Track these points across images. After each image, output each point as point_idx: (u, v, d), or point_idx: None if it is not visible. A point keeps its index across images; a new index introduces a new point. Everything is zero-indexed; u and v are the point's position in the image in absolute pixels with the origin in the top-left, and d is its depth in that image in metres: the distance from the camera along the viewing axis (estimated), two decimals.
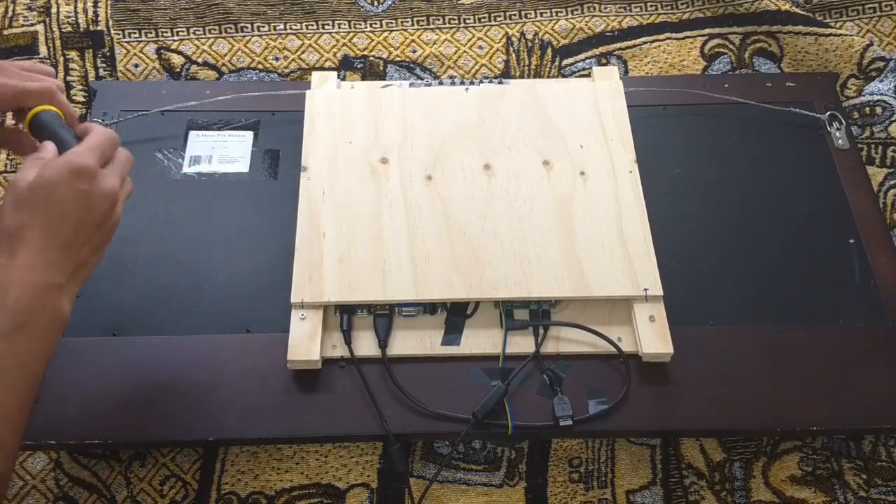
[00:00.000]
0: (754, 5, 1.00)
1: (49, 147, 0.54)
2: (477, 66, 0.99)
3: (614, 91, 0.86)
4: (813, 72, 0.96)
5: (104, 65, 0.96)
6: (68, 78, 0.95)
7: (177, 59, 0.97)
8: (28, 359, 0.47)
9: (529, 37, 1.00)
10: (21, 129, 0.59)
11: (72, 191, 0.50)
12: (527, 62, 0.99)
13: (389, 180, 0.79)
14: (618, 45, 1.00)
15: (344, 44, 1.00)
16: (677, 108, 0.89)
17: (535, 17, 1.02)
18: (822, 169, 0.85)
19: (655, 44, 1.00)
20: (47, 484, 0.70)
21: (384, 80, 0.96)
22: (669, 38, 1.00)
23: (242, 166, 0.84)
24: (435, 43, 1.00)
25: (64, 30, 0.99)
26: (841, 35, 0.96)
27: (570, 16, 1.02)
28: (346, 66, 0.98)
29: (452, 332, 0.73)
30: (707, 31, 1.00)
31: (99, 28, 0.99)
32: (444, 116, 0.84)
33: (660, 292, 0.72)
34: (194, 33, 0.99)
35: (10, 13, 1.00)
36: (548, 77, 0.98)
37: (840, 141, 0.87)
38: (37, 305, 0.47)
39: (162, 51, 0.98)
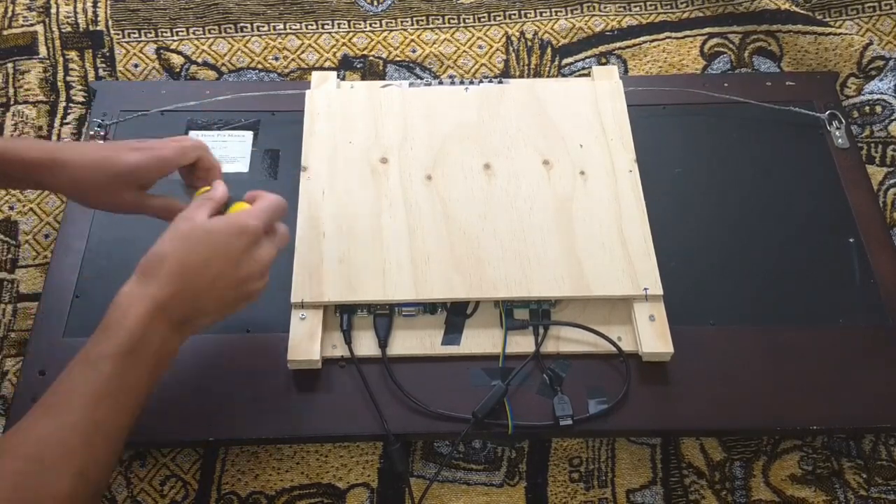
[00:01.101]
0: (754, 4, 1.00)
1: (219, 187, 0.57)
2: (476, 66, 0.99)
3: (614, 90, 0.86)
4: (813, 71, 0.96)
5: (104, 65, 0.96)
6: (68, 78, 0.95)
7: (176, 59, 0.97)
8: (134, 383, 0.49)
9: (529, 36, 1.00)
10: (169, 200, 0.64)
11: (228, 245, 0.53)
12: (526, 62, 0.99)
13: (389, 180, 0.79)
14: (617, 44, 1.00)
15: (344, 43, 1.00)
16: (677, 108, 0.89)
17: (535, 16, 1.02)
18: (821, 168, 0.85)
19: (655, 43, 1.00)
20: None
21: (384, 79, 0.96)
22: (669, 38, 1.00)
23: (242, 166, 0.84)
24: (434, 42, 1.00)
25: (63, 30, 0.99)
26: (841, 34, 0.96)
27: (569, 15, 1.02)
28: (346, 66, 0.98)
29: (452, 331, 0.73)
30: (707, 30, 1.00)
31: (98, 28, 0.99)
32: (444, 116, 0.84)
33: (660, 292, 0.72)
34: (194, 33, 0.99)
35: (9, 13, 1.00)
36: (547, 77, 0.98)
37: (840, 140, 0.87)
38: (149, 335, 0.49)
39: (161, 51, 0.98)
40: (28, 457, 0.44)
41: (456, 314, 0.74)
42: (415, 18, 1.02)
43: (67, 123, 0.91)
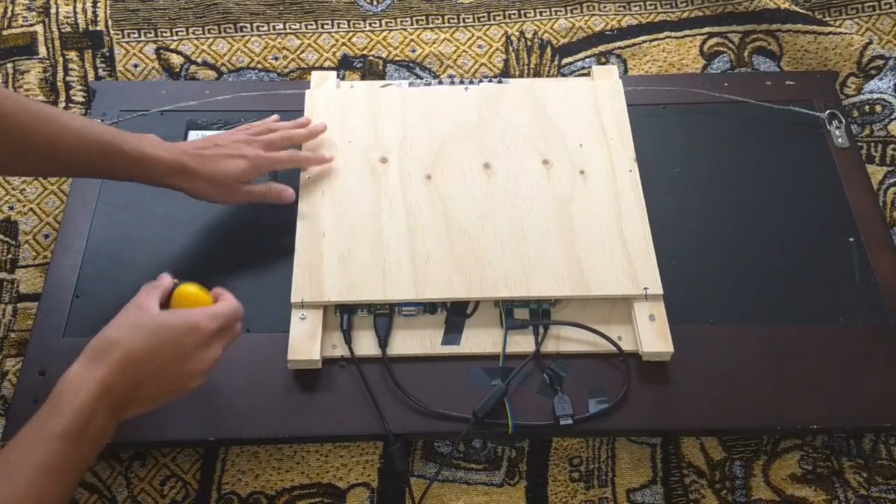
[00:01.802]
0: (753, 4, 1.00)
1: (165, 279, 0.62)
2: (476, 66, 0.99)
3: (614, 90, 0.86)
4: (812, 70, 0.96)
5: (103, 65, 0.96)
6: (67, 78, 0.95)
7: (176, 59, 0.97)
8: (77, 461, 0.52)
9: (529, 36, 1.00)
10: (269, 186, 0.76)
11: (178, 342, 0.56)
12: (526, 61, 0.99)
13: (389, 180, 0.79)
14: (617, 43, 1.00)
15: (343, 43, 1.00)
16: (677, 107, 0.89)
17: (535, 16, 1.02)
18: (821, 167, 0.85)
19: (655, 43, 1.00)
20: None
21: (383, 79, 0.96)
22: (669, 37, 1.00)
23: None
24: (434, 42, 1.00)
25: (63, 30, 0.99)
26: (840, 33, 0.96)
27: (569, 15, 1.02)
28: (346, 66, 0.98)
29: (452, 331, 0.73)
30: (706, 29, 1.00)
31: (98, 28, 0.99)
32: (444, 116, 0.84)
33: (660, 291, 0.72)
34: (193, 33, 0.99)
35: (9, 13, 1.00)
36: (547, 76, 0.98)
37: (840, 139, 0.87)
38: (94, 417, 0.52)
39: (161, 51, 0.98)
40: None
41: (456, 314, 0.74)
42: (414, 18, 1.02)
43: None
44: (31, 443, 0.51)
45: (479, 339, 0.72)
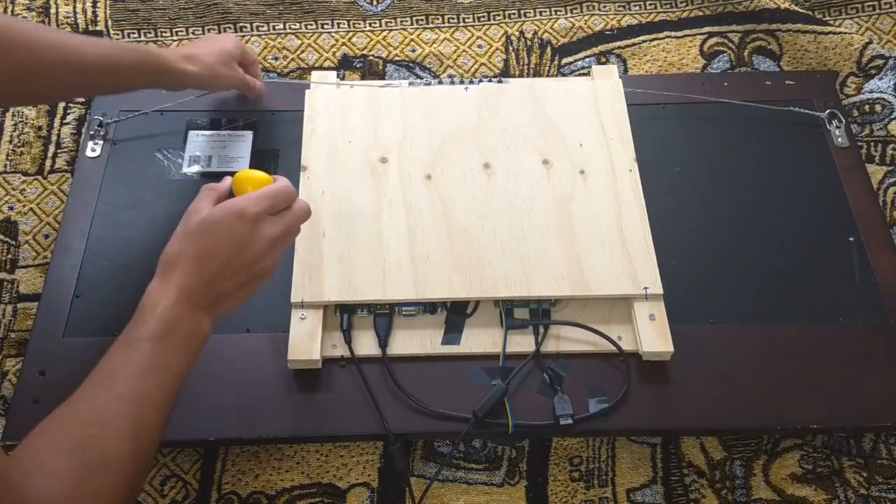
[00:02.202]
0: (753, 4, 1.00)
1: (226, 181, 0.64)
2: (476, 66, 0.99)
3: (614, 90, 0.86)
4: (812, 70, 0.96)
5: None
6: None
7: None
8: (172, 361, 0.54)
9: (529, 36, 1.00)
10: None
11: (229, 231, 0.57)
12: (526, 61, 0.99)
13: (389, 180, 0.79)
14: (617, 43, 1.00)
15: (343, 43, 1.00)
16: (677, 107, 0.89)
17: (535, 15, 1.02)
18: (821, 167, 0.85)
19: (655, 42, 1.00)
20: None
21: (383, 79, 0.96)
22: (669, 37, 1.00)
23: (242, 166, 0.84)
24: (434, 42, 1.00)
25: (63, 30, 0.99)
26: (840, 33, 0.96)
27: (569, 14, 1.02)
28: (346, 66, 0.98)
29: (452, 331, 0.73)
30: (706, 29, 1.00)
31: (98, 28, 0.99)
32: (444, 116, 0.84)
33: (660, 291, 0.72)
34: (193, 33, 0.99)
35: (8, 13, 1.00)
36: (547, 76, 0.98)
37: (839, 139, 0.87)
38: (179, 319, 0.55)
39: None
40: (90, 423, 0.49)
41: (456, 314, 0.74)
42: (414, 18, 1.02)
43: (67, 123, 0.91)
44: (122, 352, 0.53)
45: (479, 339, 0.72)
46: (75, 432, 0.49)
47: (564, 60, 0.99)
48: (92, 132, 0.86)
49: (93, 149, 0.84)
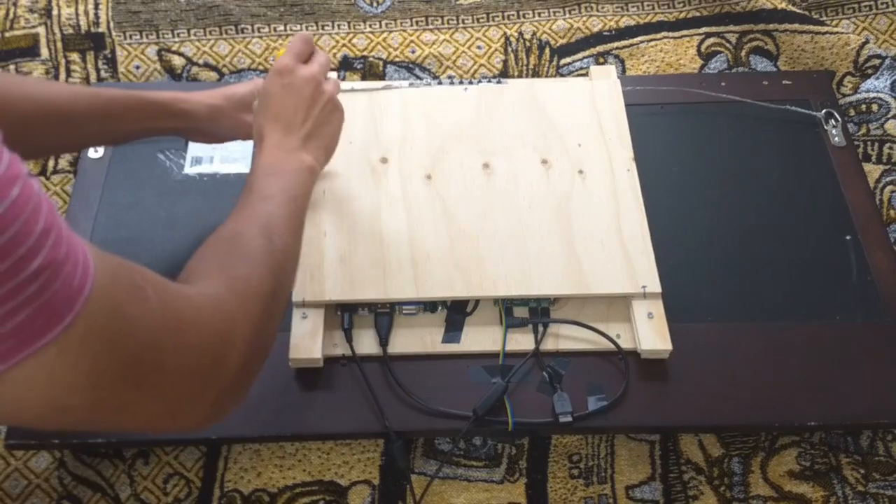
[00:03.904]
0: (750, 4, 1.00)
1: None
2: (475, 66, 0.99)
3: (612, 90, 0.87)
4: (809, 70, 0.97)
5: (105, 66, 0.97)
6: (70, 80, 0.96)
7: (178, 61, 0.98)
8: (283, 189, 0.60)
9: (527, 37, 1.01)
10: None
11: (278, 86, 0.65)
12: (525, 62, 0.99)
13: (389, 180, 0.79)
14: (615, 44, 1.00)
15: (343, 44, 1.00)
16: (674, 107, 0.90)
17: (533, 17, 1.03)
18: (818, 166, 0.86)
19: (652, 43, 1.00)
20: (51, 483, 0.71)
21: (383, 80, 0.97)
22: (666, 37, 1.01)
23: (244, 166, 0.85)
24: (434, 43, 1.00)
25: (65, 32, 0.99)
26: (837, 33, 0.97)
27: (567, 15, 1.03)
28: (346, 67, 0.98)
29: (453, 329, 0.73)
30: (704, 29, 1.01)
31: (100, 30, 1.00)
32: (444, 116, 0.84)
33: (658, 289, 0.73)
34: (195, 35, 1.00)
35: (11, 15, 1.00)
36: (546, 76, 0.98)
37: (836, 138, 0.87)
38: (279, 161, 0.62)
39: (163, 52, 0.98)
40: (228, 237, 0.54)
41: (456, 312, 0.74)
42: (414, 19, 1.02)
43: None
44: (239, 201, 0.58)
45: (479, 338, 0.73)
46: (218, 246, 0.54)
47: (563, 61, 0.99)
48: None
49: (95, 149, 0.85)
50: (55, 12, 1.01)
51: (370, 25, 1.02)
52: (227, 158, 0.85)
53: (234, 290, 0.49)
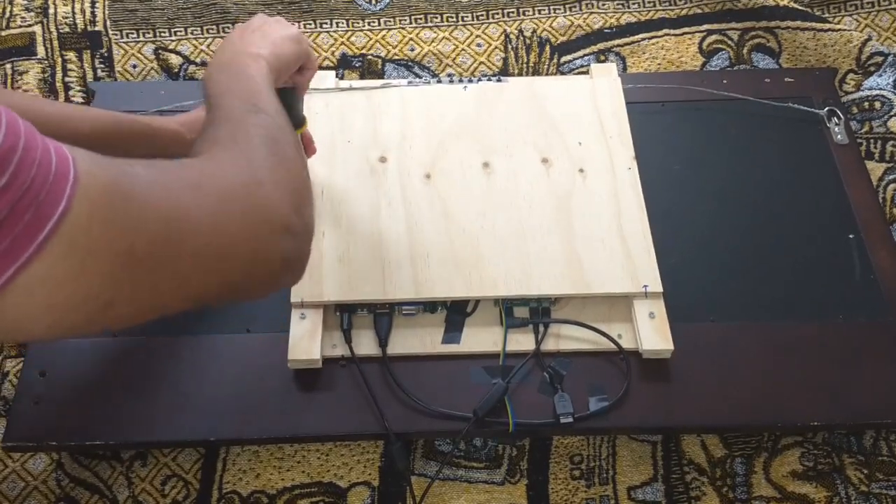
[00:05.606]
0: (752, 1, 1.00)
1: None
2: (475, 64, 0.98)
3: (613, 88, 0.86)
4: (811, 67, 0.96)
5: (102, 65, 0.96)
6: (66, 79, 0.95)
7: (175, 60, 0.97)
8: (235, 74, 0.58)
9: (528, 34, 1.00)
10: None
11: (227, 38, 0.64)
12: (525, 59, 0.99)
13: (388, 179, 0.79)
14: (616, 41, 1.00)
15: (342, 42, 1.00)
16: (676, 105, 0.89)
17: (533, 14, 1.02)
18: (821, 164, 0.85)
19: (654, 40, 1.00)
20: (49, 485, 0.70)
21: (382, 78, 0.96)
22: (668, 35, 1.00)
23: None
24: (433, 41, 1.00)
25: (61, 30, 0.99)
26: (839, 30, 0.96)
27: (568, 13, 1.02)
28: (345, 65, 0.98)
29: (453, 330, 0.73)
30: (705, 27, 1.00)
31: (97, 28, 0.99)
32: (443, 115, 0.84)
33: (659, 289, 0.72)
34: (192, 33, 0.99)
35: (7, 14, 1.00)
36: (546, 74, 0.98)
37: (839, 136, 0.87)
38: (230, 62, 0.60)
39: (160, 51, 0.98)
40: (242, 103, 0.53)
41: (456, 313, 0.74)
42: (413, 17, 1.02)
43: None
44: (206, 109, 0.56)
45: (480, 338, 0.72)
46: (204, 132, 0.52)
47: (563, 59, 0.99)
48: None
49: None
50: (51, 10, 1.00)
51: (369, 23, 1.01)
52: None
53: (236, 140, 0.49)
